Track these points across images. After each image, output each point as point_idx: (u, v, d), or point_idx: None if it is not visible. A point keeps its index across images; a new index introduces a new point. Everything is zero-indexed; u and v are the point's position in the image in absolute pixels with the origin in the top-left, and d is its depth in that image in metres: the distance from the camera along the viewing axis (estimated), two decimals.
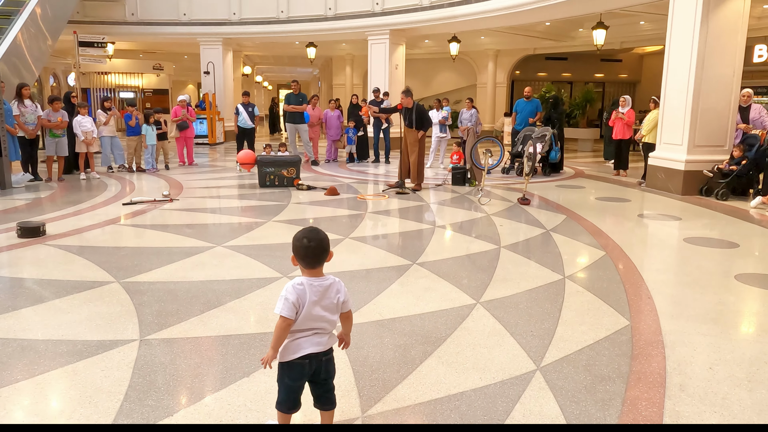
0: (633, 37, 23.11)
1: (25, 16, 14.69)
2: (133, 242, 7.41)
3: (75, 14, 19.93)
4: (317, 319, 2.93)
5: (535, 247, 7.29)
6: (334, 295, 2.97)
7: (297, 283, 2.91)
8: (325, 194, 11.04)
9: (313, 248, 2.92)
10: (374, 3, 20.12)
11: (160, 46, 27.52)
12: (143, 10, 22.46)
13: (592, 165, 17.02)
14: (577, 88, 30.18)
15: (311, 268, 2.95)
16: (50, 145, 12.64)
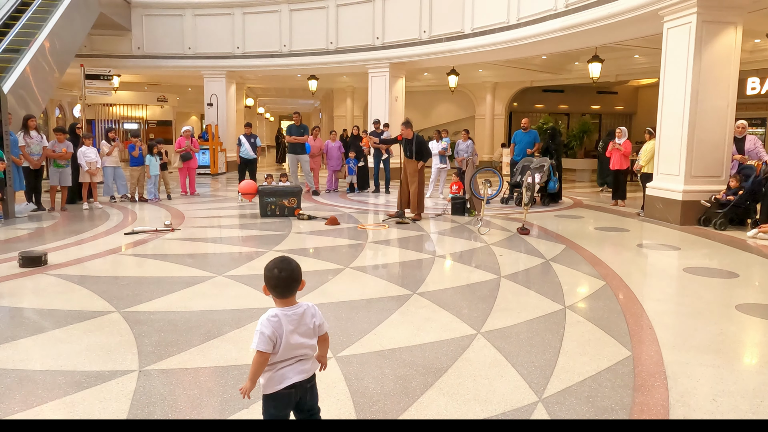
0: (628, 69, 23.21)
1: (34, 50, 14.75)
2: (134, 272, 7.34)
3: (82, 48, 20.03)
4: (298, 347, 2.91)
5: (535, 277, 7.21)
6: (310, 320, 2.96)
7: (271, 316, 2.88)
8: (325, 224, 10.98)
9: (284, 278, 2.91)
10: (375, 37, 20.26)
11: (164, 78, 27.64)
12: (149, 44, 22.63)
13: (590, 195, 16.99)
14: (574, 119, 30.23)
15: (283, 297, 2.94)
16: (54, 175, 12.62)
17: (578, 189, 18.86)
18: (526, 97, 29.90)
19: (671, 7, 11.51)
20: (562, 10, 14.51)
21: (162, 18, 22.64)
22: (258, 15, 22.08)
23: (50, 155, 12.48)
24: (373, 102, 20.93)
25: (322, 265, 7.64)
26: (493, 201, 14.15)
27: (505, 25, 16.54)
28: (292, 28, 21.64)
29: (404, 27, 19.56)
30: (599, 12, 13.30)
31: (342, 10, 20.83)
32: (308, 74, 23.99)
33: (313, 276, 6.96)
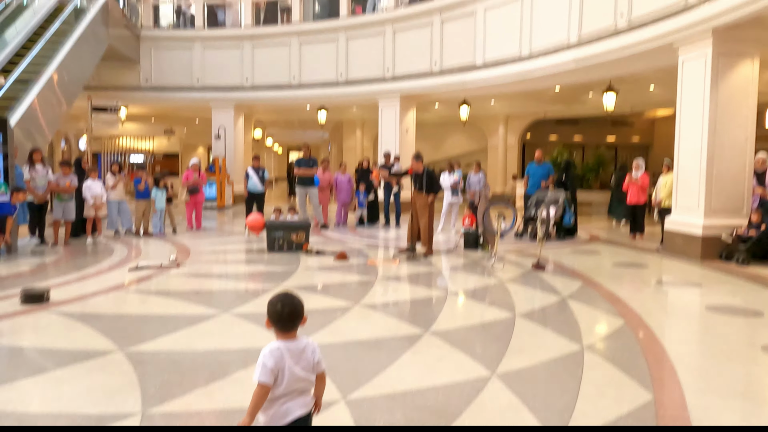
0: (643, 101, 23.22)
1: (42, 82, 14.87)
2: (137, 309, 7.30)
3: (90, 80, 20.22)
4: (299, 380, 3.00)
5: (551, 316, 7.14)
6: (311, 355, 3.06)
7: (274, 348, 2.97)
8: (334, 259, 10.94)
9: (287, 313, 3.02)
10: (385, 69, 20.39)
11: (172, 110, 27.84)
12: (157, 75, 22.87)
13: (607, 229, 16.89)
14: (589, 151, 30.26)
15: (286, 332, 3.04)
16: (57, 208, 12.64)
17: (594, 223, 18.76)
18: (539, 129, 29.95)
19: (686, 39, 11.54)
20: (575, 43, 14.56)
21: (170, 50, 22.91)
22: (268, 47, 22.32)
23: (54, 189, 12.51)
24: (384, 134, 21.01)
25: (330, 303, 7.58)
26: (507, 235, 14.08)
27: (518, 57, 16.62)
28: (302, 60, 21.83)
29: (415, 59, 19.69)
30: (613, 44, 13.34)
31: (352, 42, 21.02)
32: (318, 106, 24.12)
33: (322, 314, 6.90)
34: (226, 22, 23.45)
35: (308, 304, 7.58)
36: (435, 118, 28.74)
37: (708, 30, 10.94)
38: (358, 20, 21.03)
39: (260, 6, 23.68)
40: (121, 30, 21.12)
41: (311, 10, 23.29)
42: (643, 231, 14.52)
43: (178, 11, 25.09)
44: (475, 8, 18.01)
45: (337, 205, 17.35)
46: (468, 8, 18.21)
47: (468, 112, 22.99)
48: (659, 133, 29.95)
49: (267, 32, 22.53)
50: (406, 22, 19.89)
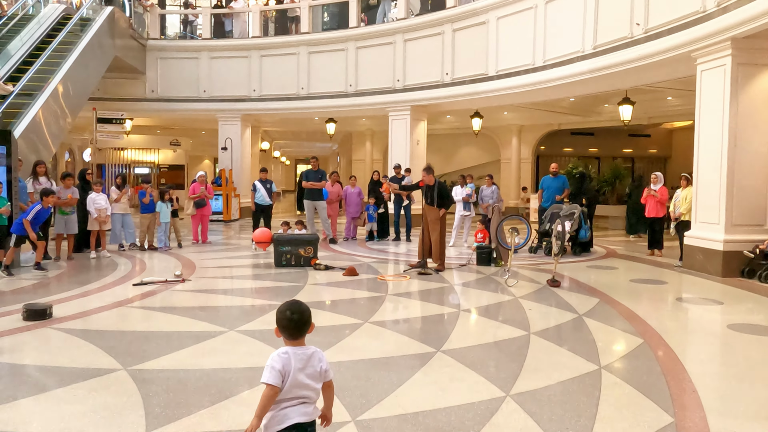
0: (661, 112, 23.18)
1: (47, 94, 14.95)
2: (142, 326, 7.30)
3: (95, 91, 20.32)
4: (302, 387, 3.11)
5: (567, 334, 7.09)
6: (317, 363, 3.18)
7: (282, 352, 3.13)
8: (343, 274, 10.91)
9: (296, 320, 3.18)
10: (395, 80, 20.43)
11: (178, 121, 27.95)
12: (163, 86, 23.00)
13: (624, 244, 16.81)
14: (605, 163, 30.17)
15: (294, 339, 3.20)
16: (59, 222, 12.62)
17: (611, 237, 18.68)
18: (553, 141, 29.91)
19: (704, 49, 11.51)
20: (590, 52, 14.56)
21: (177, 61, 23.05)
22: (276, 57, 22.41)
23: (56, 202, 12.47)
24: (394, 146, 21.01)
25: (339, 319, 7.56)
26: (521, 250, 14.03)
27: (531, 68, 16.62)
28: (311, 71, 21.90)
29: (426, 69, 19.72)
30: (629, 54, 13.33)
31: (362, 52, 21.07)
32: (326, 117, 24.19)
33: (330, 331, 6.87)
34: (234, 32, 23.54)
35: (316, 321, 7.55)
36: (446, 130, 28.76)
37: (727, 40, 10.91)
38: (367, 30, 21.09)
39: (268, 16, 23.81)
40: (127, 40, 21.25)
41: (320, 20, 23.39)
42: (662, 246, 14.44)
43: (185, 21, 25.31)
44: (487, 17, 18.04)
45: (346, 218, 17.35)
46: (480, 17, 18.24)
47: (480, 124, 23.02)
48: (677, 144, 29.88)
49: (275, 42, 22.63)
50: (416, 32, 19.93)
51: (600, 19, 14.30)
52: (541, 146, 29.96)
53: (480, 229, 14.25)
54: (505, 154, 29.43)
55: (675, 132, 29.75)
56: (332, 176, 17.35)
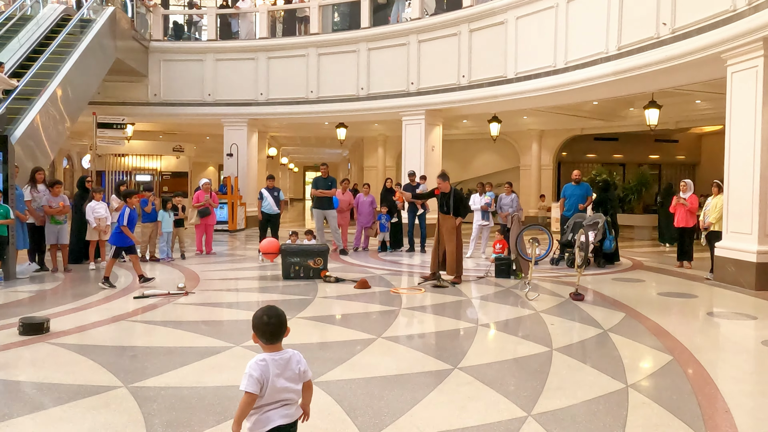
0: (689, 116, 23.10)
1: (45, 98, 15.02)
2: (143, 341, 7.30)
3: (95, 95, 20.44)
4: (283, 391, 3.36)
5: (591, 350, 7.05)
6: (296, 366, 3.43)
7: (260, 360, 3.34)
8: (355, 287, 10.89)
9: (273, 325, 3.41)
10: (409, 82, 20.44)
11: (181, 126, 28.07)
12: (167, 90, 23.14)
13: (651, 255, 16.73)
14: (630, 170, 30.03)
15: (271, 343, 3.43)
16: (50, 233, 12.54)
17: (637, 248, 18.60)
18: (576, 146, 29.84)
19: (735, 50, 11.46)
20: (614, 53, 14.53)
21: (181, 63, 23.19)
22: (284, 59, 22.53)
23: (47, 211, 12.40)
24: (408, 152, 21.02)
25: (350, 334, 7.55)
26: (542, 262, 13.98)
27: (552, 70, 16.61)
28: (320, 73, 21.97)
29: (441, 71, 19.73)
30: (655, 56, 13.29)
31: (374, 54, 21.13)
32: (337, 122, 24.21)
33: (341, 347, 6.86)
34: (240, 34, 23.65)
35: (326, 336, 7.56)
36: (463, 135, 28.74)
37: (759, 40, 10.85)
38: (380, 30, 21.12)
39: (276, 16, 23.89)
40: (129, 42, 21.41)
41: (330, 21, 23.46)
42: (692, 257, 14.35)
43: (189, 22, 25.42)
44: (505, 17, 18.05)
45: (357, 228, 17.32)
46: (498, 17, 18.25)
47: (499, 129, 22.98)
48: (707, 150, 29.74)
49: (283, 43, 22.74)
50: (431, 33, 19.97)
51: (624, 19, 14.27)
52: (563, 152, 29.90)
53: (499, 239, 14.20)
54: (525, 161, 29.38)
55: (704, 137, 29.62)
56: (343, 184, 17.33)
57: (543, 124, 27.30)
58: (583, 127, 27.13)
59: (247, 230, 23.10)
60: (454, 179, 13.13)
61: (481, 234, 16.17)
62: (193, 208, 15.97)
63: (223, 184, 23.17)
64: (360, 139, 32.05)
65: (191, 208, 16.07)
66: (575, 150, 30.11)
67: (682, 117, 23.19)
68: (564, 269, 13.62)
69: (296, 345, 6.94)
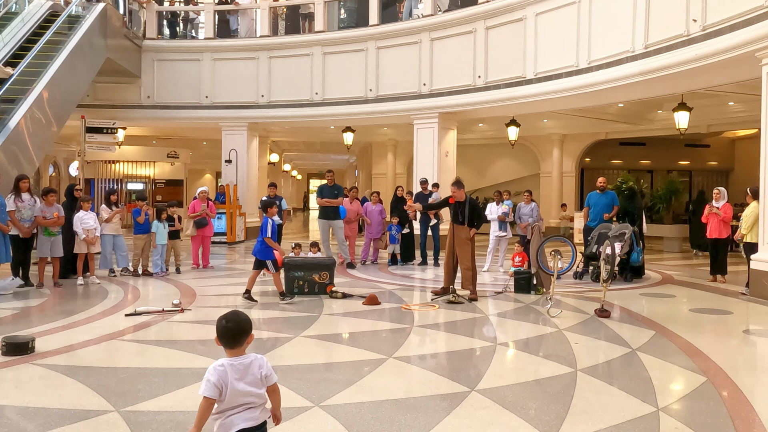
0: (721, 119, 23.05)
1: (30, 100, 15.05)
2: (135, 361, 7.29)
3: (84, 97, 20.49)
4: (244, 395, 3.60)
5: (618, 371, 7.03)
6: (257, 371, 3.67)
7: (218, 365, 3.61)
8: (363, 303, 10.87)
9: (231, 329, 3.69)
10: (421, 84, 20.45)
11: (176, 131, 28.14)
12: (161, 92, 23.17)
13: (681, 268, 16.66)
14: (658, 177, 29.98)
15: (231, 348, 3.70)
16: (44, 244, 12.54)
17: (667, 261, 18.53)
18: (600, 152, 29.80)
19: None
20: (640, 52, 14.51)
21: (176, 63, 23.25)
22: (287, 59, 22.53)
23: (41, 222, 12.43)
24: (419, 158, 21.01)
25: (358, 354, 7.54)
26: (565, 276, 13.94)
27: (574, 69, 16.58)
28: (326, 74, 22.00)
29: (456, 71, 19.74)
30: (684, 54, 13.25)
31: (383, 53, 21.14)
32: (343, 126, 24.23)
33: (349, 368, 6.85)
34: (240, 31, 23.71)
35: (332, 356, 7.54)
36: (479, 140, 28.75)
37: None
38: (390, 28, 21.13)
39: (278, 13, 23.92)
40: (120, 40, 21.49)
41: (336, 17, 23.50)
42: (726, 271, 14.29)
43: (185, 19, 25.45)
44: (524, 13, 18.06)
45: (365, 240, 17.28)
46: (516, 14, 18.26)
47: (517, 133, 22.95)
48: (741, 155, 29.65)
49: (286, 42, 22.77)
50: (444, 30, 19.99)
51: (652, 15, 14.25)
52: (586, 158, 29.87)
53: (518, 251, 14.16)
54: (546, 167, 29.36)
55: (738, 142, 29.56)
56: (351, 192, 17.28)
57: (565, 128, 27.28)
58: (607, 131, 27.10)
59: (247, 242, 23.08)
60: (469, 187, 13.12)
61: (499, 246, 16.11)
62: (188, 218, 15.92)
63: (222, 193, 23.18)
64: (368, 144, 32.09)
65: (187, 218, 16.04)
66: (599, 156, 30.07)
67: (714, 120, 23.13)
68: (588, 284, 13.59)
69: (300, 366, 6.96)
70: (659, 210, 22.93)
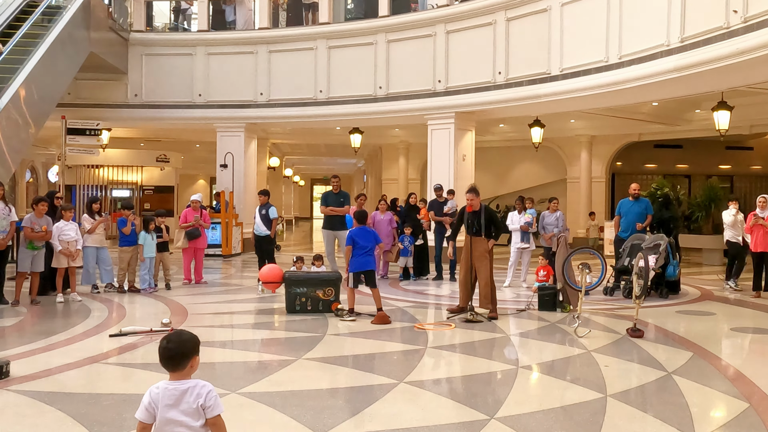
0: (766, 119, 22.95)
1: (6, 99, 15.05)
2: (120, 387, 7.30)
3: (65, 95, 20.54)
4: (175, 424, 3.58)
5: (653, 396, 7.01)
6: (193, 400, 3.62)
7: (155, 387, 3.66)
8: (372, 322, 10.86)
9: (171, 350, 3.71)
10: (436, 80, 20.49)
11: (166, 132, 28.20)
12: (150, 90, 23.24)
13: (722, 283, 16.58)
14: (697, 183, 29.93)
15: (171, 371, 3.71)
16: (25, 258, 12.48)
17: (706, 276, 18.47)
18: (633, 155, 29.79)
19: None
20: (676, 46, 14.49)
21: (167, 58, 23.37)
22: (288, 53, 22.62)
23: (29, 236, 12.31)
24: (434, 162, 21.03)
25: (367, 379, 7.53)
26: (594, 292, 13.91)
27: (604, 65, 16.57)
28: (331, 70, 22.07)
29: (474, 67, 19.78)
30: (724, 48, 13.23)
31: (394, 47, 21.20)
32: (350, 127, 24.27)
33: (355, 393, 6.86)
34: (237, 23, 23.77)
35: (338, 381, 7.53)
36: (499, 142, 28.78)
37: None
38: (401, 19, 21.21)
39: (279, 2, 23.96)
40: (105, 33, 21.56)
41: (342, 8, 23.56)
42: None
43: (176, 10, 25.51)
44: (549, 3, 18.10)
45: None
46: (540, 4, 18.31)
47: (541, 134, 22.93)
48: None
49: (287, 35, 22.88)
50: (461, 22, 20.06)
51: (688, 6, 14.24)
52: (618, 162, 29.85)
53: (542, 265, 14.14)
54: (573, 172, 29.34)
55: None
56: (359, 200, 17.21)
57: (594, 129, 27.28)
58: (641, 132, 27.10)
59: (244, 255, 23.14)
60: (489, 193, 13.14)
61: (521, 259, 16.07)
62: (180, 229, 15.91)
63: (217, 201, 23.20)
64: (378, 147, 32.13)
65: (178, 229, 16.04)
66: (632, 159, 30.06)
67: (758, 120, 23.06)
68: (620, 300, 13.56)
69: (302, 391, 6.96)
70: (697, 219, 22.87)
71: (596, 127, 26.79)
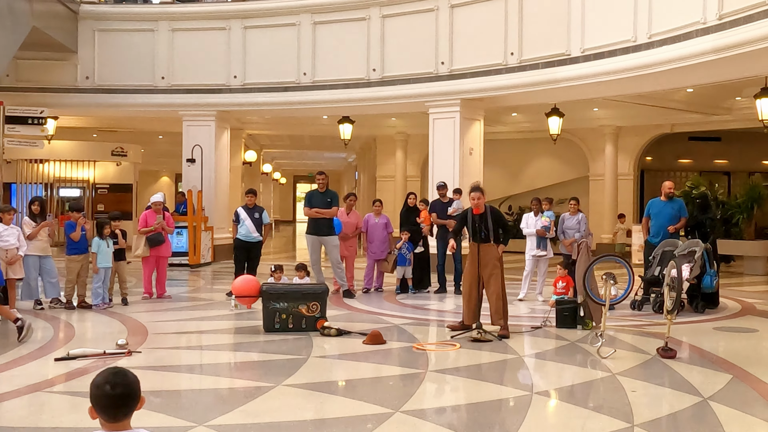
0: None
1: None
2: (67, 420, 7.25)
3: (3, 78, 20.49)
4: None
5: (686, 425, 7.09)
6: None
7: None
8: (363, 342, 10.85)
9: (119, 396, 3.37)
10: (438, 62, 20.46)
11: (123, 122, 28.16)
12: (103, 71, 23.06)
13: (765, 295, 16.65)
14: (737, 181, 30.01)
15: (115, 421, 3.40)
16: None
17: (747, 287, 18.52)
18: (664, 149, 29.87)
19: None
20: (713, 23, 14.45)
21: (123, 34, 23.27)
22: (266, 30, 22.58)
23: None
24: (437, 156, 21.04)
25: (358, 408, 7.55)
26: (620, 306, 13.95)
27: (632, 45, 16.54)
28: (316, 48, 22.02)
29: (482, 47, 19.76)
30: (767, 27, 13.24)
31: (390, 23, 21.17)
32: (339, 116, 24.28)
33: (345, 425, 6.89)
34: None
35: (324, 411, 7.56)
36: (512, 134, 28.83)
37: None
38: None
39: None
40: (51, 4, 21.39)
41: None
42: None
43: None
44: None
45: (368, 261, 17.21)
46: None
47: (560, 125, 22.97)
48: None
49: (266, 8, 22.75)
50: None
51: None
52: (647, 157, 29.92)
53: (561, 275, 14.19)
54: (596, 169, 29.38)
55: None
56: (348, 200, 17.17)
57: (620, 119, 27.36)
58: (673, 122, 27.16)
59: (215, 264, 23.11)
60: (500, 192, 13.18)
61: (537, 268, 16.05)
62: (139, 234, 15.84)
63: (182, 202, 23.11)
64: (371, 139, 32.19)
65: (137, 234, 16.00)
66: (663, 154, 30.14)
67: None
68: (649, 315, 13.61)
69: (282, 423, 6.99)
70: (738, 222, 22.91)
71: (623, 117, 26.88)
